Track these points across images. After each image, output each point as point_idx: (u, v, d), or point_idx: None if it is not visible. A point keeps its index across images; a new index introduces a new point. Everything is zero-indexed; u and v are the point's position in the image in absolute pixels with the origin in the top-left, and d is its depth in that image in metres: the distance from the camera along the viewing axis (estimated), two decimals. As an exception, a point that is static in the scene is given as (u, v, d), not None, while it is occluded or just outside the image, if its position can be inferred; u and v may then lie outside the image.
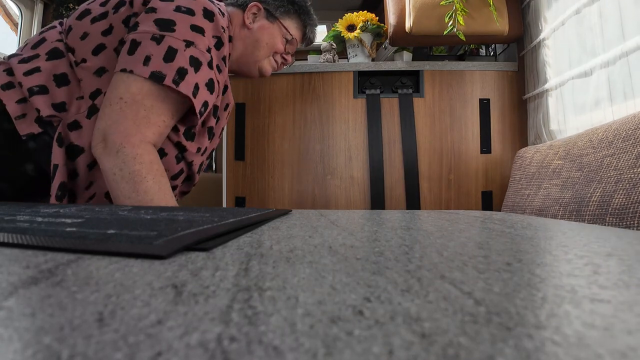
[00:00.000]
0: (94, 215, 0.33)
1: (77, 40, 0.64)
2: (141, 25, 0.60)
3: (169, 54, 0.59)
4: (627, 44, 0.76)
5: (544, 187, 0.92)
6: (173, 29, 0.60)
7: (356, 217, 0.42)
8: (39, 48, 0.64)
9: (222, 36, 0.67)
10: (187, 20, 0.62)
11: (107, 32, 0.64)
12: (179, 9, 0.62)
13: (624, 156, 0.69)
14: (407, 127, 1.23)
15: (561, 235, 0.29)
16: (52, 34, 0.66)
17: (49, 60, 0.63)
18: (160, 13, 0.61)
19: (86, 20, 0.65)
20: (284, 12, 0.84)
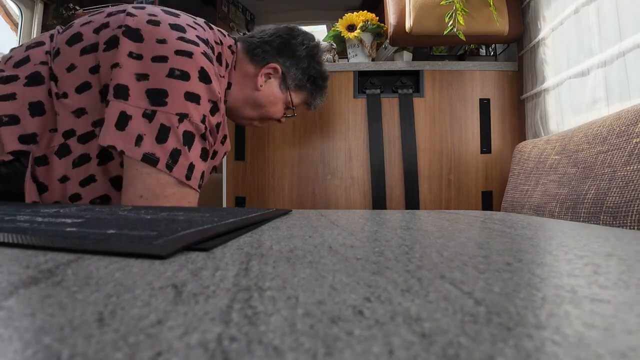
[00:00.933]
0: (94, 215, 0.32)
1: (62, 70, 0.59)
2: (132, 96, 0.55)
3: (161, 133, 0.55)
4: (624, 44, 0.76)
5: (541, 182, 0.92)
6: (165, 102, 0.55)
7: (356, 217, 0.42)
8: (21, 68, 0.60)
9: (218, 101, 0.62)
10: (181, 88, 0.57)
11: (94, 69, 0.58)
12: (172, 74, 0.57)
13: (617, 153, 0.68)
14: (407, 127, 1.23)
15: (561, 235, 0.29)
16: (37, 54, 0.61)
17: (27, 86, 0.58)
18: (152, 81, 0.56)
19: (76, 48, 0.59)
20: (298, 85, 0.80)
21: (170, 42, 0.59)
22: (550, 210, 0.82)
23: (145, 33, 0.59)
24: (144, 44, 0.58)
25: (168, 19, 0.62)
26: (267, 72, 0.76)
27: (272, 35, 0.77)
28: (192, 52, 0.59)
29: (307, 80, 0.80)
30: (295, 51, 0.78)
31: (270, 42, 0.77)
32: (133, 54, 0.57)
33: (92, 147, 0.58)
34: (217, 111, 0.62)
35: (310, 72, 0.80)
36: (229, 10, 2.73)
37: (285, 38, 0.78)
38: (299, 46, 0.78)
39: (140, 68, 0.56)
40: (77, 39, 0.60)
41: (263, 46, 0.76)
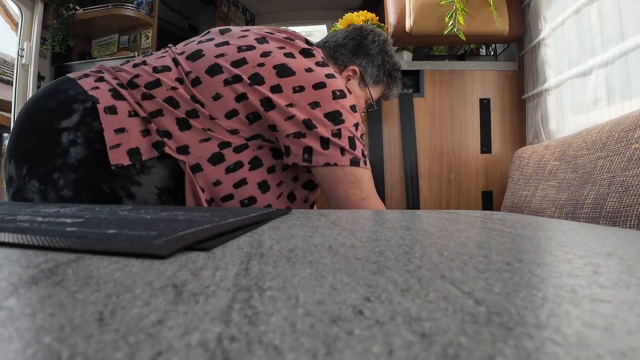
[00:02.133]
0: (94, 215, 0.32)
1: (208, 98, 0.66)
2: (319, 125, 0.66)
3: (351, 143, 0.68)
4: (626, 44, 0.76)
5: (541, 188, 0.92)
6: (342, 120, 0.67)
7: (356, 216, 0.42)
8: (155, 91, 0.66)
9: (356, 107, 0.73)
10: (346, 104, 0.68)
11: (239, 98, 0.66)
12: (335, 95, 0.68)
13: (616, 158, 0.68)
14: (407, 126, 1.23)
15: (561, 235, 0.29)
16: (167, 79, 0.67)
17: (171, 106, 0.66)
18: (325, 105, 0.67)
19: (218, 79, 0.66)
20: (376, 81, 0.86)
21: (315, 69, 0.70)
22: (549, 215, 0.82)
23: (292, 66, 0.68)
24: (297, 76, 0.68)
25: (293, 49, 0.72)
26: (347, 75, 0.83)
27: (345, 38, 0.84)
28: (333, 74, 0.71)
29: (383, 74, 0.86)
30: (369, 50, 0.83)
31: (345, 44, 0.83)
32: (295, 87, 0.67)
33: (245, 156, 0.68)
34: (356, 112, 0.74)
35: (385, 67, 0.85)
36: (229, 10, 2.73)
37: (357, 39, 0.84)
38: (370, 44, 0.84)
39: (309, 98, 0.67)
40: (217, 70, 0.67)
41: (340, 49, 0.83)
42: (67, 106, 0.64)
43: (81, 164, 0.62)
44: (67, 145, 0.62)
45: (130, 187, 0.64)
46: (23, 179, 0.63)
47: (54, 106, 0.64)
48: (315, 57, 0.72)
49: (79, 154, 0.62)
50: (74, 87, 0.66)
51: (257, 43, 0.71)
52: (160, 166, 0.66)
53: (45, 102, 0.66)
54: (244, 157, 0.68)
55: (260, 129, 0.68)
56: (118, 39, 2.18)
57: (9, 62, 1.78)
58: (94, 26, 2.13)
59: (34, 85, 1.87)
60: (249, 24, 2.98)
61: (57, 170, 0.62)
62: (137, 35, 2.13)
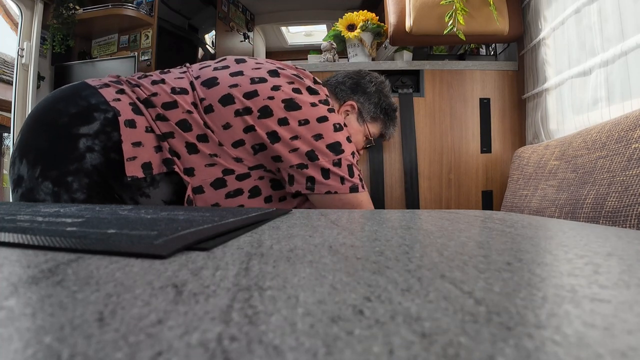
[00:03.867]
0: (94, 215, 0.32)
1: (218, 127, 0.69)
2: (319, 155, 0.71)
3: (350, 170, 0.73)
4: (626, 43, 0.76)
5: (540, 188, 0.92)
6: (342, 150, 0.72)
7: (356, 216, 0.42)
8: (170, 112, 0.68)
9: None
10: (344, 135, 0.73)
11: (247, 130, 0.69)
12: (335, 128, 0.72)
13: (616, 158, 0.68)
14: (407, 126, 1.23)
15: (561, 235, 0.29)
16: (183, 102, 0.69)
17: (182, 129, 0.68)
18: (327, 137, 0.71)
19: (229, 109, 0.69)
20: (373, 117, 0.91)
21: (319, 104, 0.74)
22: (549, 215, 0.82)
23: (300, 102, 0.72)
24: (303, 110, 0.72)
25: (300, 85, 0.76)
26: (345, 110, 0.88)
27: (345, 77, 0.90)
28: (334, 109, 0.76)
29: (380, 112, 0.91)
30: (366, 88, 0.90)
31: (344, 82, 0.89)
32: (301, 121, 0.71)
33: (246, 184, 0.72)
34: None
35: (381, 105, 0.91)
36: (229, 10, 2.73)
37: (355, 79, 0.90)
38: (368, 84, 0.90)
39: (313, 131, 0.71)
40: (230, 101, 0.71)
41: (340, 86, 0.89)
42: (88, 113, 0.66)
43: (96, 170, 0.64)
44: (84, 151, 0.64)
45: (139, 198, 0.67)
46: (35, 179, 0.64)
47: (75, 112, 0.66)
48: (319, 94, 0.76)
49: (94, 161, 0.64)
50: (95, 96, 0.68)
51: (269, 76, 0.75)
52: (168, 181, 0.69)
53: (65, 105, 0.67)
54: (245, 185, 0.72)
55: (263, 160, 0.72)
56: (118, 38, 2.18)
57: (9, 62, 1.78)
58: (94, 26, 2.13)
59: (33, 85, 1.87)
60: (249, 23, 2.98)
61: (71, 174, 0.64)
62: (137, 35, 2.13)
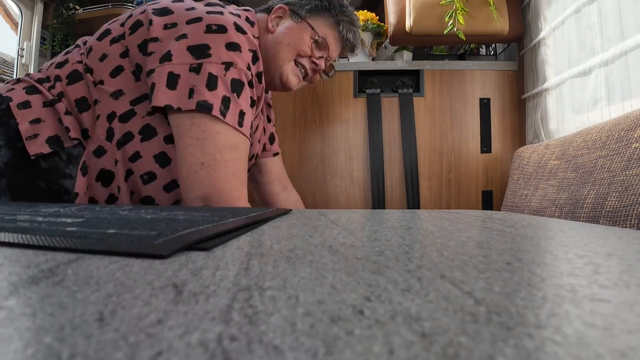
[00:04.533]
0: (94, 215, 0.33)
1: (96, 62, 0.63)
2: (175, 56, 0.57)
3: (210, 82, 0.57)
4: (626, 43, 0.76)
5: (541, 187, 0.92)
6: (209, 54, 0.58)
7: (356, 216, 0.42)
8: (62, 69, 0.65)
9: (257, 50, 0.63)
10: (222, 40, 0.59)
11: (124, 54, 0.63)
12: (210, 29, 0.59)
13: (616, 158, 0.68)
14: (407, 126, 1.23)
15: (561, 235, 0.29)
16: (73, 56, 0.66)
17: (69, 85, 0.63)
18: (192, 38, 0.58)
19: (106, 40, 0.64)
20: (311, 9, 0.76)
21: (199, 8, 0.63)
22: (549, 215, 0.82)
23: (173, 7, 0.63)
24: (175, 14, 0.61)
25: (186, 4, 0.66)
26: (276, 16, 0.74)
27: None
28: (222, 12, 0.63)
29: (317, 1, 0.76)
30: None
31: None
32: (168, 25, 0.60)
33: (134, 125, 0.62)
34: (258, 60, 0.64)
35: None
36: (229, 10, 2.72)
37: None
38: None
39: (178, 32, 0.59)
40: (106, 33, 0.65)
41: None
42: None
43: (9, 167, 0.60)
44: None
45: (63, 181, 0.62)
46: None
47: None
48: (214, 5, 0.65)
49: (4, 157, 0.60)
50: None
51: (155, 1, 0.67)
52: None
53: None
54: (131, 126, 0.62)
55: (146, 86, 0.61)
56: (118, 38, 2.18)
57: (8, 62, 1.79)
58: (94, 26, 2.12)
59: (33, 85, 1.86)
60: (249, 23, 2.97)
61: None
62: (137, 35, 2.13)
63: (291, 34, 0.74)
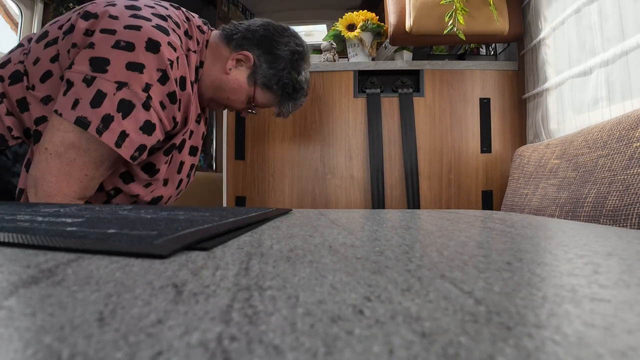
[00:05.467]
0: (94, 215, 0.33)
1: (30, 65, 0.63)
2: (76, 64, 0.58)
3: (96, 98, 0.56)
4: (627, 43, 0.76)
5: (541, 186, 0.92)
6: (105, 70, 0.57)
7: (356, 216, 0.42)
8: (4, 69, 0.64)
9: (167, 70, 0.61)
10: (124, 58, 0.58)
11: (54, 58, 0.62)
12: (117, 45, 0.58)
13: (617, 157, 0.68)
14: (407, 126, 1.23)
15: (561, 235, 0.29)
16: (16, 55, 0.65)
17: (10, 85, 0.62)
18: (97, 50, 0.58)
19: (42, 43, 0.63)
20: (266, 85, 0.76)
21: (122, 18, 0.61)
22: (550, 214, 0.82)
23: (101, 12, 0.61)
24: (98, 20, 0.60)
25: (125, 2, 0.65)
26: (238, 58, 0.74)
27: (260, 27, 0.75)
28: (142, 26, 0.60)
29: (276, 83, 0.76)
30: (275, 49, 0.74)
31: (254, 31, 0.74)
32: (88, 31, 0.60)
33: None
34: (168, 79, 0.61)
35: (282, 77, 0.76)
36: (229, 10, 2.73)
37: (270, 32, 0.75)
38: (281, 45, 0.75)
39: (89, 40, 0.59)
40: (44, 36, 0.64)
41: (245, 33, 0.74)
42: None
43: None
44: None
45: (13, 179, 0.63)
46: None
47: None
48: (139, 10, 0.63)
49: None
50: None
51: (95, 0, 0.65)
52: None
53: None
54: None
55: None
56: (118, 38, 2.18)
57: (9, 62, 1.80)
58: (93, 26, 2.13)
59: (34, 85, 1.86)
60: (249, 23, 2.97)
61: None
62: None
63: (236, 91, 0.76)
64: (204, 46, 0.74)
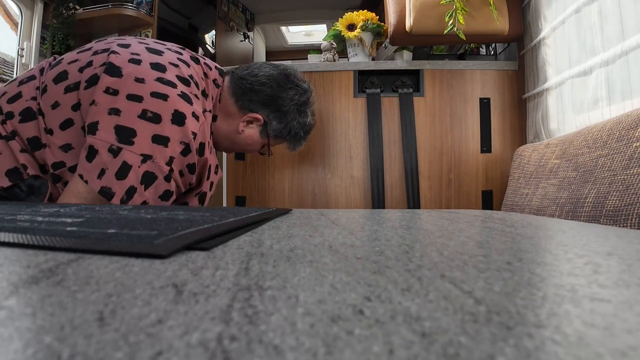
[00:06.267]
0: (94, 215, 0.33)
1: (48, 107, 0.61)
2: (101, 130, 0.56)
3: (122, 170, 0.56)
4: (627, 43, 0.76)
5: (541, 186, 0.92)
6: (132, 142, 0.57)
7: (356, 216, 0.42)
8: (14, 104, 0.62)
9: (191, 143, 0.62)
10: (150, 130, 0.58)
11: (76, 107, 0.60)
12: (144, 115, 0.58)
13: (617, 157, 0.68)
14: (407, 126, 1.23)
15: (561, 235, 0.29)
16: (28, 89, 0.63)
17: (21, 123, 0.61)
18: (124, 118, 0.57)
19: (60, 86, 0.61)
20: (278, 136, 0.81)
21: (148, 82, 0.60)
22: (550, 214, 0.82)
23: (125, 70, 0.60)
24: (122, 80, 0.59)
25: (150, 59, 0.64)
26: (249, 120, 0.78)
27: (263, 85, 0.76)
28: (168, 95, 0.60)
29: (287, 133, 0.81)
30: (282, 106, 0.77)
31: (258, 91, 0.76)
32: (110, 89, 0.58)
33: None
34: (190, 152, 0.63)
35: (292, 127, 0.80)
36: (229, 10, 2.73)
37: (274, 90, 0.77)
38: (287, 101, 0.77)
39: (114, 104, 0.58)
40: (63, 77, 0.62)
41: (250, 94, 0.76)
42: None
43: None
44: None
45: None
46: None
47: None
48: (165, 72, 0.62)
49: None
50: None
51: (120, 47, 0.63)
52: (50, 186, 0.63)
53: None
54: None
55: None
56: (118, 38, 2.18)
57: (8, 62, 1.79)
58: (93, 26, 2.13)
59: (34, 85, 1.86)
60: (249, 23, 2.98)
61: None
62: (137, 34, 2.13)
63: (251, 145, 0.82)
64: (217, 101, 0.77)
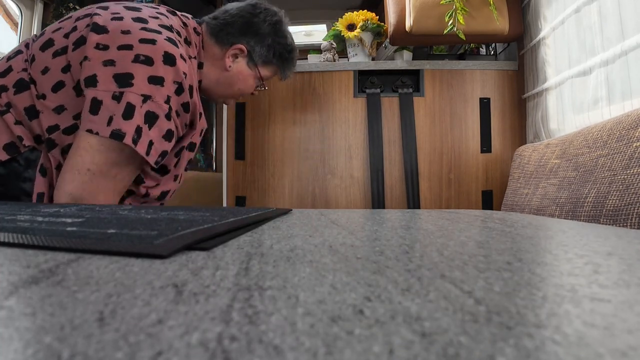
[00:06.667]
0: (94, 215, 0.33)
1: (38, 74, 0.63)
2: (101, 82, 0.59)
3: (127, 111, 0.59)
4: (627, 43, 0.76)
5: (541, 186, 0.92)
6: (131, 83, 0.60)
7: (356, 216, 0.42)
8: (6, 78, 0.64)
9: (183, 82, 0.65)
10: (145, 72, 0.61)
11: (66, 69, 0.63)
12: (137, 59, 0.61)
13: (617, 156, 0.68)
14: (407, 126, 1.23)
15: (561, 235, 0.29)
16: (18, 63, 0.66)
17: (17, 94, 0.63)
18: (119, 66, 0.60)
19: (48, 52, 0.64)
20: (265, 61, 0.83)
21: (134, 32, 0.63)
22: (550, 213, 0.82)
23: (110, 26, 0.63)
24: (110, 35, 0.62)
25: (130, 14, 0.67)
26: (233, 53, 0.79)
27: (235, 16, 0.80)
28: (156, 40, 0.64)
29: (272, 55, 0.83)
30: (258, 29, 0.80)
31: (233, 23, 0.79)
32: (100, 45, 0.61)
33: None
34: (183, 91, 0.65)
35: (275, 47, 0.82)
36: (229, 10, 2.72)
37: (247, 17, 0.80)
38: (261, 24, 0.80)
39: (107, 56, 0.61)
40: (50, 44, 0.65)
41: (226, 28, 0.79)
42: None
43: None
44: None
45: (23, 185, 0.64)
46: None
47: None
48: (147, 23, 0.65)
49: None
50: None
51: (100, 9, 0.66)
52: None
53: None
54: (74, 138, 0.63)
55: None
56: (118, 38, 2.17)
57: (8, 62, 1.80)
58: (93, 26, 2.13)
59: (33, 85, 1.86)
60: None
61: None
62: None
63: (243, 81, 0.83)
64: (201, 48, 0.79)
